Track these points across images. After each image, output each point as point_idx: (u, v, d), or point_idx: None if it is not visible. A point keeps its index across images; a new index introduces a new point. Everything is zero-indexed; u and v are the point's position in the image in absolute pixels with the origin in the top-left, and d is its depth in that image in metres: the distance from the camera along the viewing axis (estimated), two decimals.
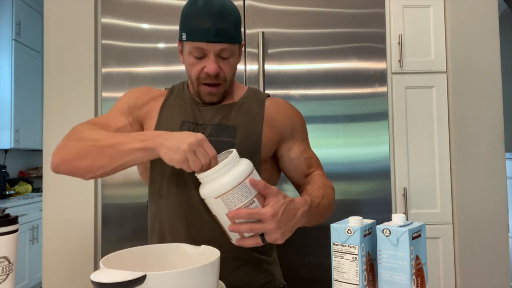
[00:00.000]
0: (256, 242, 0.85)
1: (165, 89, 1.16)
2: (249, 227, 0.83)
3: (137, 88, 1.15)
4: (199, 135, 0.86)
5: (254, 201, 0.83)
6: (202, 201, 0.93)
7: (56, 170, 0.95)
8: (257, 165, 1.02)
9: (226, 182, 0.81)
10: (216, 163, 0.86)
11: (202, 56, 1.00)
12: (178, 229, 1.00)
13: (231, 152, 0.86)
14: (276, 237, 0.85)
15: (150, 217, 1.09)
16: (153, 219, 1.07)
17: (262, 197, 0.85)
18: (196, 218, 1.00)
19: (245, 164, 0.84)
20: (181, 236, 0.99)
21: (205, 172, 0.82)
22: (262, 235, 0.85)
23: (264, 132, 1.06)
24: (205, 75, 1.01)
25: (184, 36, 1.00)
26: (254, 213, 0.82)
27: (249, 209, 0.82)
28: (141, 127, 1.09)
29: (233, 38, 1.00)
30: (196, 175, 0.85)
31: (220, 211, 0.84)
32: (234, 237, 0.87)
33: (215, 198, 0.82)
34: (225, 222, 0.85)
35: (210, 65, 0.99)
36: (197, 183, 0.90)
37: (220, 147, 1.00)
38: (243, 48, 1.13)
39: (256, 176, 0.85)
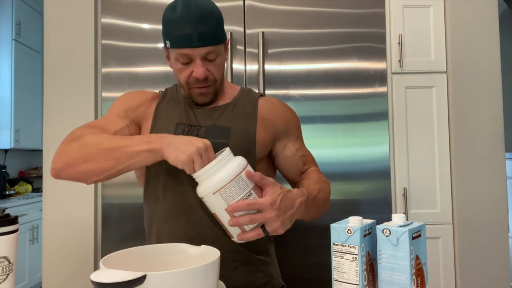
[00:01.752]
0: (258, 233, 0.86)
1: (159, 91, 1.17)
2: (249, 218, 0.83)
3: (129, 92, 1.15)
4: (207, 142, 0.88)
5: (252, 193, 0.85)
6: (199, 202, 0.94)
7: (58, 175, 0.93)
8: (252, 165, 1.02)
9: (223, 176, 0.83)
10: None
11: (188, 62, 1.00)
12: (176, 232, 1.00)
13: (224, 150, 0.88)
14: (277, 225, 0.86)
15: (146, 221, 1.09)
16: (149, 222, 1.07)
17: (259, 189, 0.87)
18: (193, 220, 1.00)
19: (240, 159, 0.87)
20: (178, 239, 0.99)
21: (201, 170, 0.84)
22: (263, 227, 0.86)
23: (258, 131, 1.06)
24: (194, 80, 1.02)
25: (168, 44, 1.00)
26: (253, 203, 0.83)
27: (248, 200, 0.83)
28: (139, 129, 1.09)
29: (217, 39, 1.00)
30: (192, 174, 0.87)
31: (219, 207, 0.85)
32: (235, 233, 0.87)
33: (213, 193, 0.83)
34: (225, 218, 0.85)
35: (197, 70, 0.99)
36: (193, 185, 0.90)
37: (215, 148, 1.01)
38: (243, 48, 1.13)
39: (250, 168, 0.87)
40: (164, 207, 1.02)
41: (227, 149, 0.87)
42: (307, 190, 0.96)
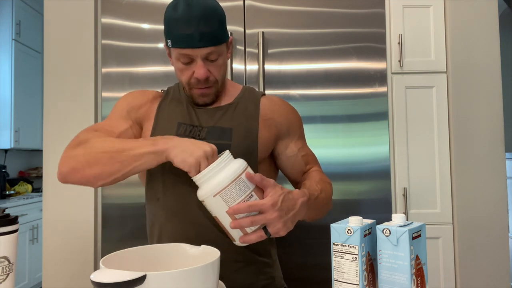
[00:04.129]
0: (260, 235, 0.85)
1: (161, 90, 1.16)
2: (251, 220, 0.83)
3: (131, 92, 1.15)
4: (213, 147, 0.89)
5: (253, 195, 0.84)
6: (200, 203, 0.94)
7: (65, 180, 0.94)
8: (255, 166, 1.01)
9: (223, 178, 0.83)
10: None
11: (189, 62, 1.00)
12: (177, 232, 1.00)
13: (223, 153, 0.88)
14: (279, 227, 0.85)
15: (148, 221, 1.09)
16: (151, 222, 1.07)
17: (260, 190, 0.86)
18: (194, 221, 0.99)
19: (240, 161, 0.86)
20: (179, 239, 0.98)
21: (201, 172, 0.84)
22: (265, 228, 0.86)
23: (261, 132, 1.06)
24: (195, 81, 1.01)
25: (169, 43, 0.99)
26: (254, 205, 0.83)
27: (249, 202, 0.83)
28: (141, 129, 1.09)
29: (219, 40, 0.98)
30: (192, 178, 0.87)
31: (220, 209, 0.84)
32: (237, 236, 0.86)
33: (214, 196, 0.83)
34: (226, 221, 0.85)
35: (198, 70, 0.99)
36: (194, 187, 0.90)
37: (217, 149, 1.01)
38: (243, 48, 1.13)
39: (250, 170, 0.87)
40: (165, 207, 1.02)
41: (227, 151, 0.87)
42: (308, 190, 0.96)
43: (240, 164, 0.85)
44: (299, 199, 0.90)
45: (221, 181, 0.82)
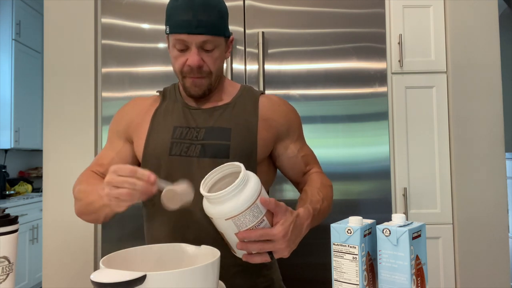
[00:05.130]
0: (265, 259, 0.84)
1: (157, 92, 1.15)
2: (260, 248, 0.82)
3: (122, 107, 1.15)
4: (106, 179, 0.80)
5: (264, 220, 0.82)
6: (196, 208, 0.92)
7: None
8: (253, 167, 1.00)
9: (238, 204, 0.78)
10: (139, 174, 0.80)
11: (185, 49, 0.99)
12: (174, 237, 0.99)
13: (236, 166, 0.83)
14: (285, 254, 0.85)
15: (145, 225, 1.09)
16: (148, 226, 1.07)
17: (271, 214, 0.83)
18: (191, 226, 0.99)
19: (255, 183, 0.81)
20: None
21: (215, 194, 0.78)
22: (270, 252, 0.84)
23: (260, 132, 1.04)
24: (188, 69, 1.00)
25: (167, 29, 1.00)
26: (266, 234, 0.81)
27: (260, 229, 0.81)
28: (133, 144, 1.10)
29: (216, 30, 0.99)
30: (202, 193, 0.81)
31: (229, 230, 0.82)
32: (240, 253, 0.85)
33: (226, 220, 0.79)
34: (233, 240, 0.83)
35: (192, 58, 0.98)
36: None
37: (216, 150, 0.99)
38: (243, 48, 1.12)
39: (263, 192, 0.83)
40: (161, 212, 1.01)
41: (243, 171, 0.80)
42: (311, 205, 0.95)
43: (255, 187, 0.80)
44: (304, 222, 0.89)
45: (236, 207, 0.78)
